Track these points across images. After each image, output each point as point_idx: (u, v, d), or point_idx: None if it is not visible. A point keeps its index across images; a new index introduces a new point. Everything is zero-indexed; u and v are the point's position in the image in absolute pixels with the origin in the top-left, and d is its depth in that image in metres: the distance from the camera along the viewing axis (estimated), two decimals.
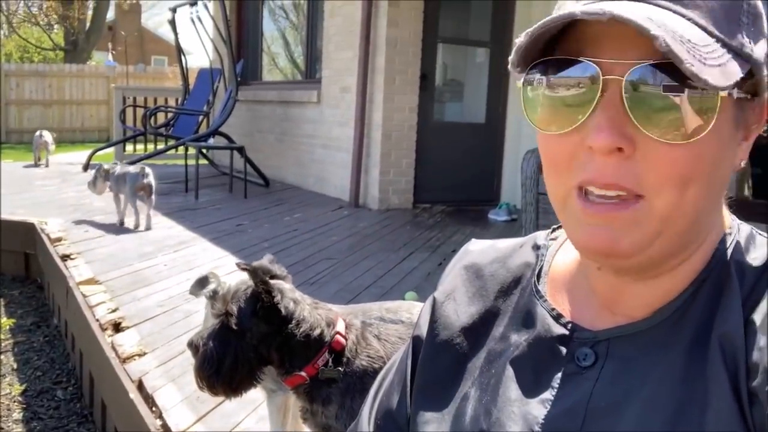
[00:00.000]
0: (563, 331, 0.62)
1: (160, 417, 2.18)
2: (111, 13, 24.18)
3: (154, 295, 3.42)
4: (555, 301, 0.65)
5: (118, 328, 2.96)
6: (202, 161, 7.57)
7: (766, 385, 0.50)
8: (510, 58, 0.55)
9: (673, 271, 0.58)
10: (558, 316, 0.64)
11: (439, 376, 0.68)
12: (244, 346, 1.46)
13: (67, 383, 3.34)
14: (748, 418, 0.51)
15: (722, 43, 0.51)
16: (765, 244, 0.59)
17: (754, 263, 0.57)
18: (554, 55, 0.54)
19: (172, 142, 7.62)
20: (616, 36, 0.51)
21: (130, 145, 8.85)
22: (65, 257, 4.07)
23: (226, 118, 7.21)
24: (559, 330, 0.63)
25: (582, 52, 0.53)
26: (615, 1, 0.52)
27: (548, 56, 0.55)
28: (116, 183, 5.03)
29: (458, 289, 0.72)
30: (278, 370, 1.53)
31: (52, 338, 3.91)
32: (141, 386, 2.40)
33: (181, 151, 7.20)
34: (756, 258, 0.58)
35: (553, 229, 0.72)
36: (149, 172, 4.97)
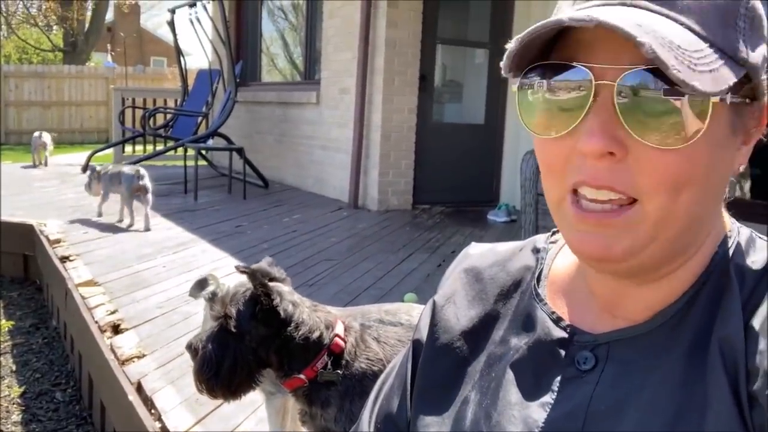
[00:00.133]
0: (563, 334, 0.63)
1: (159, 419, 2.18)
2: (110, 14, 24.20)
3: (153, 297, 3.41)
4: (555, 304, 0.66)
5: (117, 329, 2.95)
6: (201, 162, 7.56)
7: (767, 389, 0.50)
8: (502, 64, 0.55)
9: (672, 275, 0.58)
10: (558, 320, 0.64)
11: (440, 379, 0.68)
12: (242, 349, 1.46)
13: (66, 385, 3.33)
14: (748, 422, 0.51)
15: (716, 48, 0.51)
16: (765, 248, 0.59)
17: (754, 266, 0.57)
18: (550, 60, 0.55)
19: (171, 143, 7.62)
20: (609, 41, 0.51)
21: (129, 147, 8.86)
22: (64, 259, 4.06)
23: (225, 119, 7.21)
24: (559, 333, 0.63)
25: (576, 57, 0.53)
26: (609, 7, 0.52)
27: (543, 61, 0.55)
28: (108, 182, 5.11)
29: (458, 293, 0.72)
30: (277, 373, 1.53)
31: (51, 340, 3.91)
32: (140, 388, 2.40)
33: (180, 153, 7.20)
34: (756, 261, 0.58)
35: (553, 233, 0.71)
36: (144, 173, 5.03)
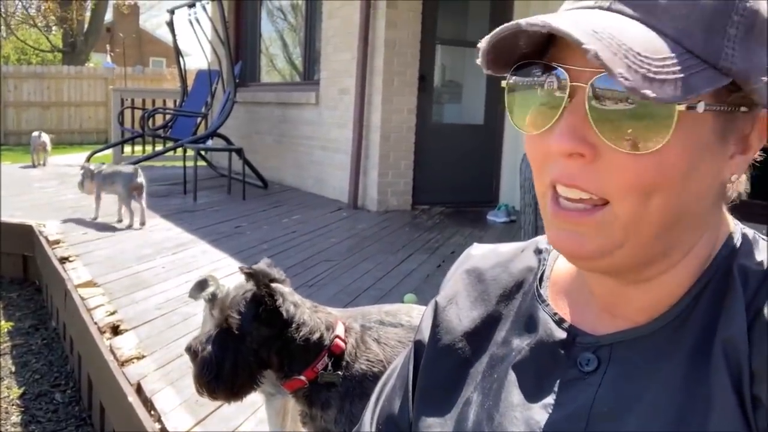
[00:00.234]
0: (565, 335, 0.62)
1: (159, 420, 2.17)
2: (109, 15, 24.21)
3: (153, 298, 3.41)
4: (557, 305, 0.65)
5: (116, 330, 2.95)
6: (201, 163, 7.56)
7: None
8: (478, 61, 0.56)
9: (665, 276, 0.58)
10: (560, 321, 0.64)
11: (441, 380, 0.68)
12: (244, 350, 1.45)
13: (65, 386, 3.33)
14: (752, 424, 0.51)
15: (692, 55, 0.50)
16: None
17: (758, 267, 0.57)
18: (543, 59, 0.55)
19: (170, 143, 7.62)
20: None
21: (129, 147, 8.86)
22: (63, 259, 4.06)
23: (225, 120, 7.21)
24: (562, 334, 0.63)
25: (559, 58, 0.54)
26: (589, 10, 0.53)
27: (538, 59, 0.56)
28: (103, 182, 5.14)
29: (460, 294, 0.72)
30: (277, 374, 1.52)
31: (51, 341, 3.90)
32: (140, 389, 2.39)
33: (180, 153, 7.20)
34: (759, 262, 0.57)
35: None
36: (141, 172, 5.13)
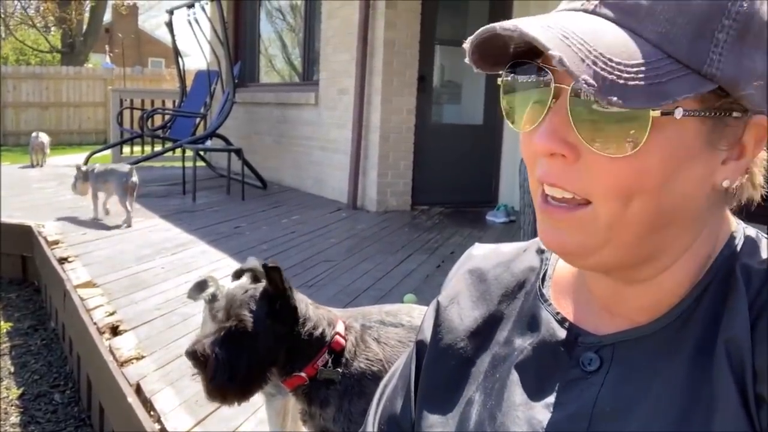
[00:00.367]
0: (568, 335, 0.62)
1: (159, 421, 2.17)
2: (108, 16, 24.20)
3: (152, 298, 3.41)
4: (559, 304, 0.65)
5: (115, 331, 2.95)
6: (200, 163, 7.55)
7: None
8: (467, 60, 0.57)
9: (662, 276, 0.57)
10: (563, 320, 0.63)
11: (443, 380, 0.68)
12: (258, 349, 1.44)
13: (64, 387, 3.32)
14: (756, 423, 0.50)
15: (673, 60, 0.49)
16: None
17: (761, 267, 0.56)
18: (540, 58, 0.55)
19: (169, 144, 7.62)
20: None
21: (128, 147, 8.86)
22: (62, 260, 4.06)
23: (224, 120, 7.21)
24: (564, 334, 0.62)
25: (550, 60, 0.53)
26: (573, 12, 0.53)
27: (536, 57, 0.55)
28: (96, 181, 5.18)
29: (462, 293, 0.72)
30: (279, 372, 1.52)
31: (50, 341, 3.90)
32: (139, 390, 2.39)
33: (179, 153, 7.19)
34: (762, 261, 0.57)
35: None
36: (135, 172, 5.18)
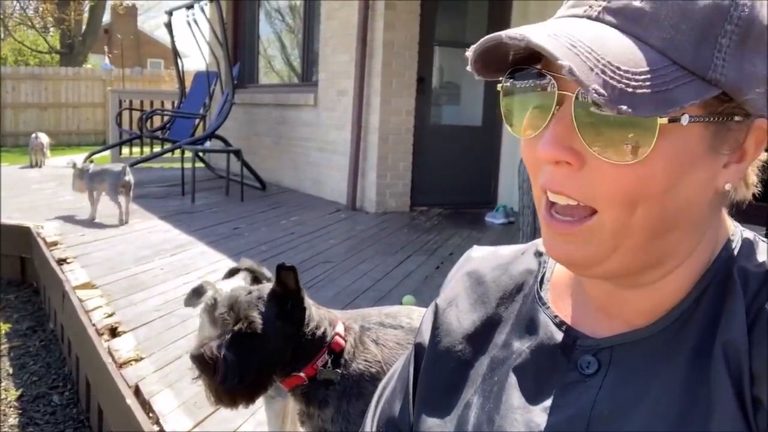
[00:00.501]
0: (566, 338, 0.62)
1: (157, 423, 2.17)
2: (107, 16, 24.19)
3: (151, 300, 3.40)
4: (557, 307, 0.65)
5: (114, 332, 2.94)
6: (199, 164, 7.56)
7: None
8: (468, 68, 0.57)
9: (664, 280, 0.58)
10: (561, 324, 0.64)
11: (442, 382, 0.68)
12: (267, 351, 1.43)
13: (63, 388, 3.32)
14: (753, 425, 0.51)
15: (679, 67, 0.49)
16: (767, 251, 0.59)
17: (758, 269, 0.57)
18: (539, 64, 0.55)
19: (168, 145, 7.61)
20: None
21: (127, 148, 8.85)
22: (61, 261, 4.05)
23: (223, 121, 7.20)
24: (562, 337, 0.63)
25: (552, 66, 0.53)
26: (576, 19, 0.53)
27: (535, 63, 0.55)
28: (91, 181, 5.23)
29: (460, 296, 0.72)
30: (279, 372, 1.52)
31: (48, 343, 3.89)
32: (138, 391, 2.39)
33: (178, 155, 7.19)
34: (759, 264, 0.57)
35: None
36: (129, 170, 5.23)
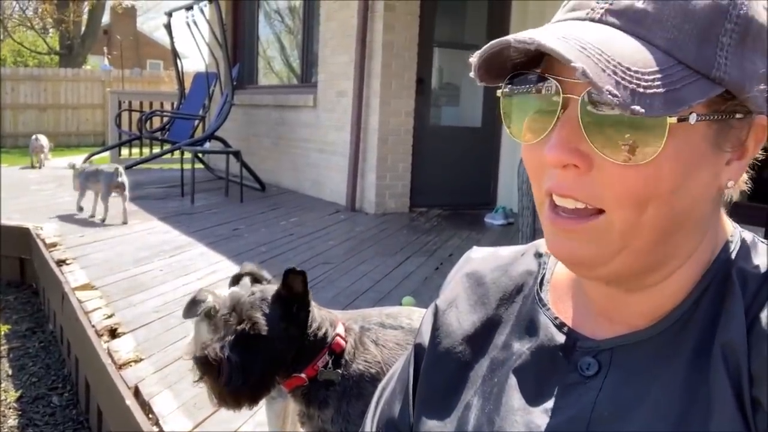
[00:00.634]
0: (566, 340, 0.62)
1: (157, 424, 2.17)
2: (106, 17, 24.18)
3: (150, 301, 3.40)
4: (557, 309, 0.65)
5: (114, 334, 2.94)
6: (198, 165, 7.55)
7: None
8: (471, 74, 0.56)
9: (664, 283, 0.58)
10: (561, 325, 0.64)
11: (442, 384, 0.68)
12: (271, 352, 1.44)
13: (62, 389, 3.32)
14: (752, 426, 0.51)
15: (684, 67, 0.50)
16: (767, 252, 0.59)
17: (757, 270, 0.57)
18: (539, 69, 0.55)
19: (167, 146, 7.61)
20: None
21: (126, 150, 8.84)
22: (60, 262, 4.05)
23: (222, 122, 7.20)
24: (562, 339, 0.63)
25: (553, 68, 0.53)
26: (579, 22, 0.53)
27: (535, 68, 0.55)
28: (85, 180, 5.41)
29: (460, 297, 0.72)
30: (281, 373, 1.52)
31: (48, 344, 3.89)
32: (137, 393, 2.39)
33: (177, 156, 7.19)
34: (758, 265, 0.57)
35: None
36: (122, 171, 5.35)
